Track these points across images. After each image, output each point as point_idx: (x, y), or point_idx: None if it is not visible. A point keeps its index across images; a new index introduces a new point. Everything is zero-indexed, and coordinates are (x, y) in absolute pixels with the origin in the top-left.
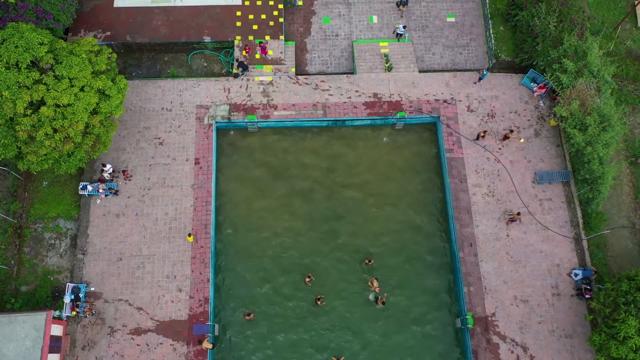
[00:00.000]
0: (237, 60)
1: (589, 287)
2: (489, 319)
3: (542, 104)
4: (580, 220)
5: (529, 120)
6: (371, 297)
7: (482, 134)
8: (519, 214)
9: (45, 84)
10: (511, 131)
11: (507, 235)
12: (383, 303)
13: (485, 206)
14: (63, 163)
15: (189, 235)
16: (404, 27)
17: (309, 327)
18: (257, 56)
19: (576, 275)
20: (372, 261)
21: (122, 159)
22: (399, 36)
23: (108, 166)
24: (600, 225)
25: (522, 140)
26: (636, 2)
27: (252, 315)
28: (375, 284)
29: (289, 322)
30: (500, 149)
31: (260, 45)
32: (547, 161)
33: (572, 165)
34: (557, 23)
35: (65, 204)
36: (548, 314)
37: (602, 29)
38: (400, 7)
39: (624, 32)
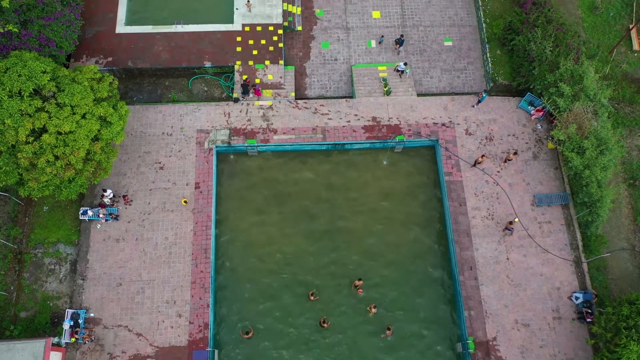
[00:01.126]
0: (243, 83)
1: (590, 311)
2: (490, 343)
3: (540, 127)
4: (580, 243)
5: (527, 143)
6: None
7: (479, 160)
8: (511, 222)
9: (47, 111)
10: (515, 153)
11: (507, 259)
12: (389, 330)
13: (485, 229)
14: (64, 189)
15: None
16: (405, 64)
17: (313, 348)
18: (257, 80)
19: (577, 298)
20: (362, 281)
21: (122, 184)
22: (400, 73)
23: (108, 191)
24: (600, 248)
25: (514, 155)
26: (631, 27)
27: (251, 334)
28: (374, 310)
29: (293, 345)
30: (498, 172)
31: (254, 89)
32: (545, 184)
33: (571, 187)
34: (553, 48)
35: (65, 228)
36: (549, 338)
37: (597, 52)
38: (396, 46)
39: (619, 55)
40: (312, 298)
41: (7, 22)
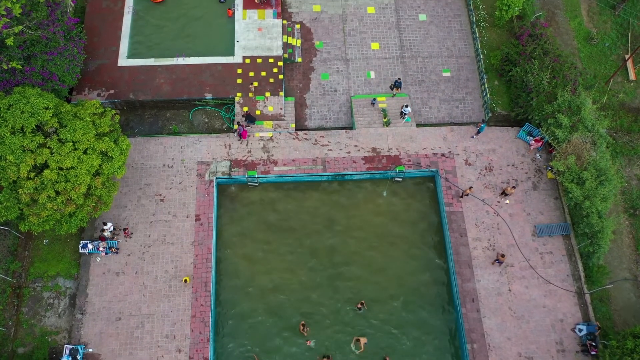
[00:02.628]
0: (246, 114)
1: (594, 344)
2: None
3: (539, 157)
4: (582, 274)
5: (526, 173)
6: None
7: (466, 192)
8: (503, 255)
9: (49, 147)
10: (513, 187)
11: (509, 290)
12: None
13: (486, 260)
14: (64, 223)
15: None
16: (406, 105)
17: None
18: (258, 112)
19: (580, 330)
20: (364, 304)
21: (123, 216)
22: (403, 115)
23: (109, 224)
24: (603, 278)
25: (512, 189)
26: (626, 58)
27: None
28: (363, 345)
29: None
30: (499, 202)
31: (239, 132)
32: (546, 214)
33: (572, 217)
34: (551, 79)
35: (65, 262)
36: None
37: (594, 83)
38: (394, 90)
39: (615, 84)
40: (303, 332)
41: (11, 59)
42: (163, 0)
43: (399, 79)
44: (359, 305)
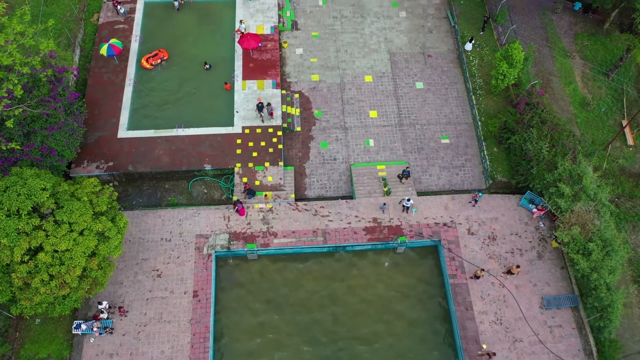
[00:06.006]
0: (247, 189)
1: None
2: None
3: (542, 225)
4: (594, 349)
5: (530, 242)
6: None
7: (480, 273)
8: (518, 266)
9: (44, 229)
10: (517, 267)
11: None
12: None
13: (494, 335)
14: (58, 306)
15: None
16: (409, 199)
17: None
18: (257, 182)
19: None
20: None
21: (118, 294)
22: (406, 209)
23: (104, 303)
24: (615, 353)
25: (517, 268)
26: (624, 124)
27: None
28: None
29: None
30: (504, 273)
31: (236, 209)
32: (553, 285)
33: (579, 288)
34: (550, 148)
35: (57, 343)
36: None
37: (594, 151)
38: (403, 180)
39: (614, 149)
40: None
41: (11, 138)
42: (154, 67)
43: (407, 168)
44: None
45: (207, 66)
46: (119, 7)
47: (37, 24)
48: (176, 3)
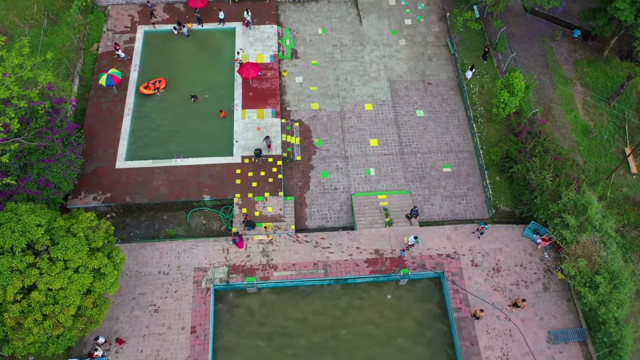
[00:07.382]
0: (247, 221)
1: None
2: None
3: (547, 256)
4: None
5: (535, 273)
6: None
7: (479, 314)
8: (524, 300)
9: (38, 267)
10: (523, 300)
11: None
12: None
13: None
14: (51, 345)
15: None
16: (415, 237)
17: None
18: (257, 213)
19: None
20: None
21: (114, 329)
22: (409, 246)
23: (100, 339)
24: None
25: (523, 302)
26: (627, 152)
27: None
28: None
29: None
30: (509, 305)
31: (235, 242)
32: (559, 318)
33: (587, 321)
34: (553, 177)
35: None
36: None
37: (597, 179)
38: (412, 219)
39: (618, 177)
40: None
41: (7, 171)
42: (154, 93)
43: (415, 207)
44: None
45: (193, 99)
46: (119, 52)
47: (36, 55)
48: (178, 32)
